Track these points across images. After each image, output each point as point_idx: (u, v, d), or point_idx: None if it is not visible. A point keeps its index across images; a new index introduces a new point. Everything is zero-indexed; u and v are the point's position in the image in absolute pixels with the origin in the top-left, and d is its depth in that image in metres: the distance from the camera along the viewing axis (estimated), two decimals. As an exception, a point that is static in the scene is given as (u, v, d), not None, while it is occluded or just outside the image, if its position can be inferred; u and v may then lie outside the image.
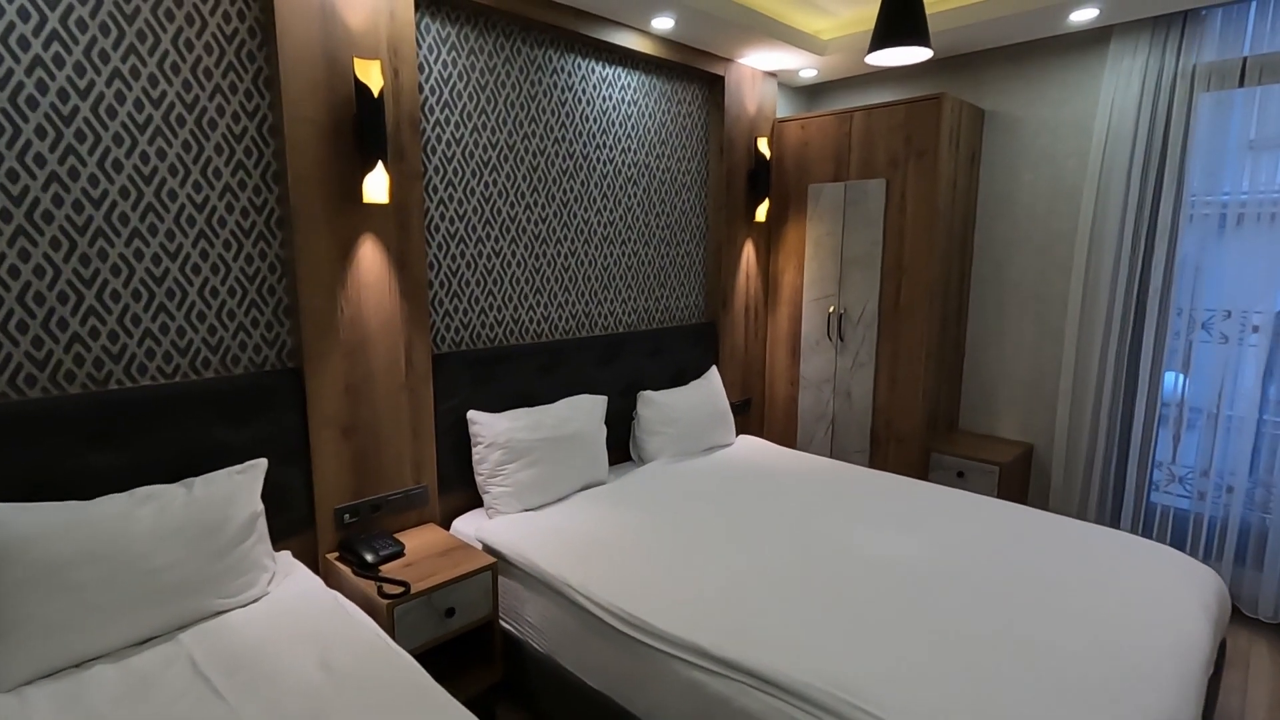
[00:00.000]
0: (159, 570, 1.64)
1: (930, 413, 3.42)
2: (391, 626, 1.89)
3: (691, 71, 3.34)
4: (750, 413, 3.90)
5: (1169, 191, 2.91)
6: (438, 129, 2.43)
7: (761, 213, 3.65)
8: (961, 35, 3.17)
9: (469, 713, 1.43)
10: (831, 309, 3.62)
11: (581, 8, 2.67)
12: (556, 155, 2.83)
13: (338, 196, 2.09)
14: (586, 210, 2.98)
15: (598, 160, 2.99)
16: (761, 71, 3.63)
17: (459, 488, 2.58)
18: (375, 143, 2.06)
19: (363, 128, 2.05)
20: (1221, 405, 2.88)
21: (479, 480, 2.50)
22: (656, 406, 3.11)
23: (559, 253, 2.90)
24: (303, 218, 2.02)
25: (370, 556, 2.08)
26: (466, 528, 2.45)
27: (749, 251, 3.73)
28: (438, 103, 2.42)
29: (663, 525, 2.34)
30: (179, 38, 1.83)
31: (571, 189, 2.91)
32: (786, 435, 3.92)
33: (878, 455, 3.54)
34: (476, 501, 2.62)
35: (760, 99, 3.65)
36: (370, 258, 2.19)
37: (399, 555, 2.15)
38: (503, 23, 2.58)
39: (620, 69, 3.03)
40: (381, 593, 1.92)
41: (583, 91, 2.89)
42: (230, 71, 1.92)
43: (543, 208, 2.81)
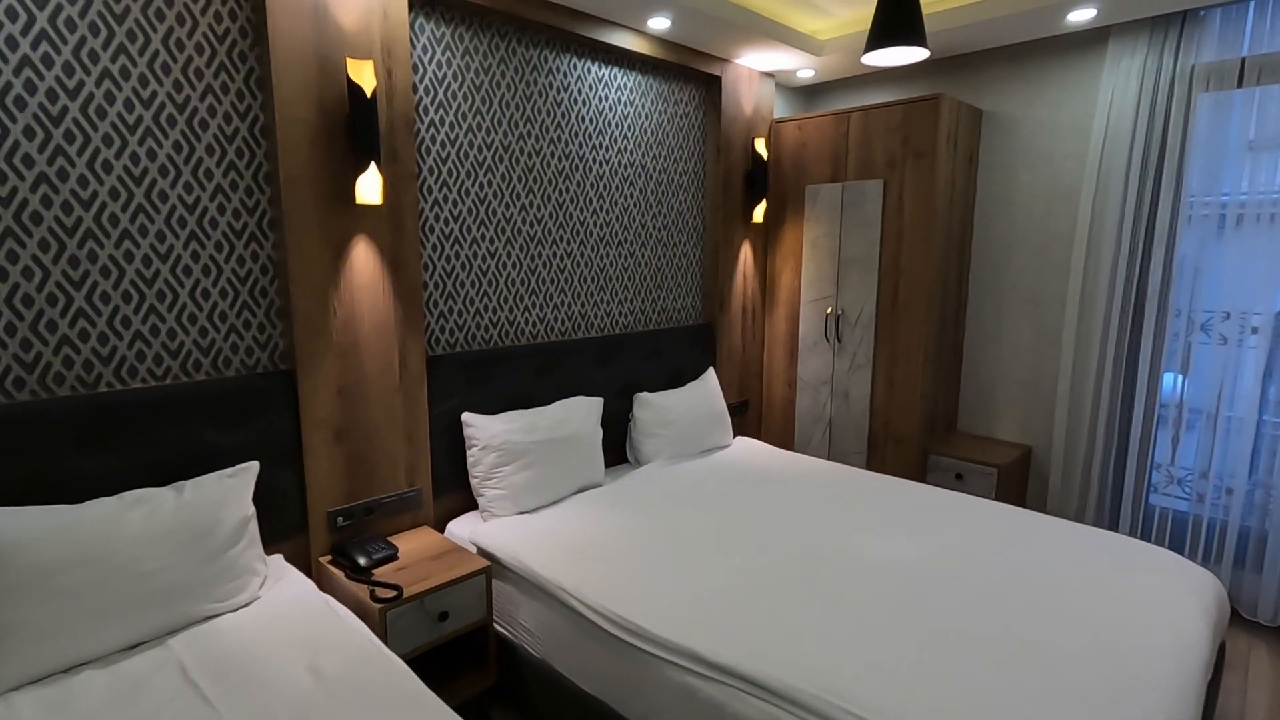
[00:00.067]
0: (149, 574, 1.63)
1: (928, 414, 3.40)
2: (384, 631, 1.88)
3: (688, 72, 3.33)
4: (748, 414, 3.89)
5: (1167, 192, 2.90)
6: (432, 129, 2.41)
7: (759, 213, 3.63)
8: (959, 35, 3.16)
9: (460, 719, 1.41)
10: (829, 310, 3.60)
11: (577, 8, 2.65)
12: (552, 156, 2.82)
13: (331, 197, 2.08)
14: (583, 211, 2.97)
15: (594, 161, 2.98)
16: (758, 72, 3.62)
17: (454, 490, 2.57)
18: (368, 143, 2.04)
19: (355, 128, 2.04)
20: (1221, 407, 2.87)
21: (474, 483, 2.49)
22: (653, 408, 3.09)
23: (555, 254, 2.88)
24: (295, 219, 2.01)
25: (363, 560, 2.06)
26: (461, 531, 2.44)
27: (746, 252, 3.71)
28: (432, 103, 2.40)
29: (658, 528, 2.32)
30: (169, 38, 1.81)
31: (567, 190, 2.90)
32: (784, 437, 3.91)
33: (875, 457, 3.52)
34: (472, 504, 2.61)
35: (757, 99, 3.64)
36: (364, 259, 2.17)
37: (392, 559, 2.14)
38: (498, 23, 2.57)
39: (616, 69, 3.02)
40: (374, 597, 1.91)
41: (578, 92, 2.88)
42: (222, 72, 1.91)
43: (538, 208, 2.80)
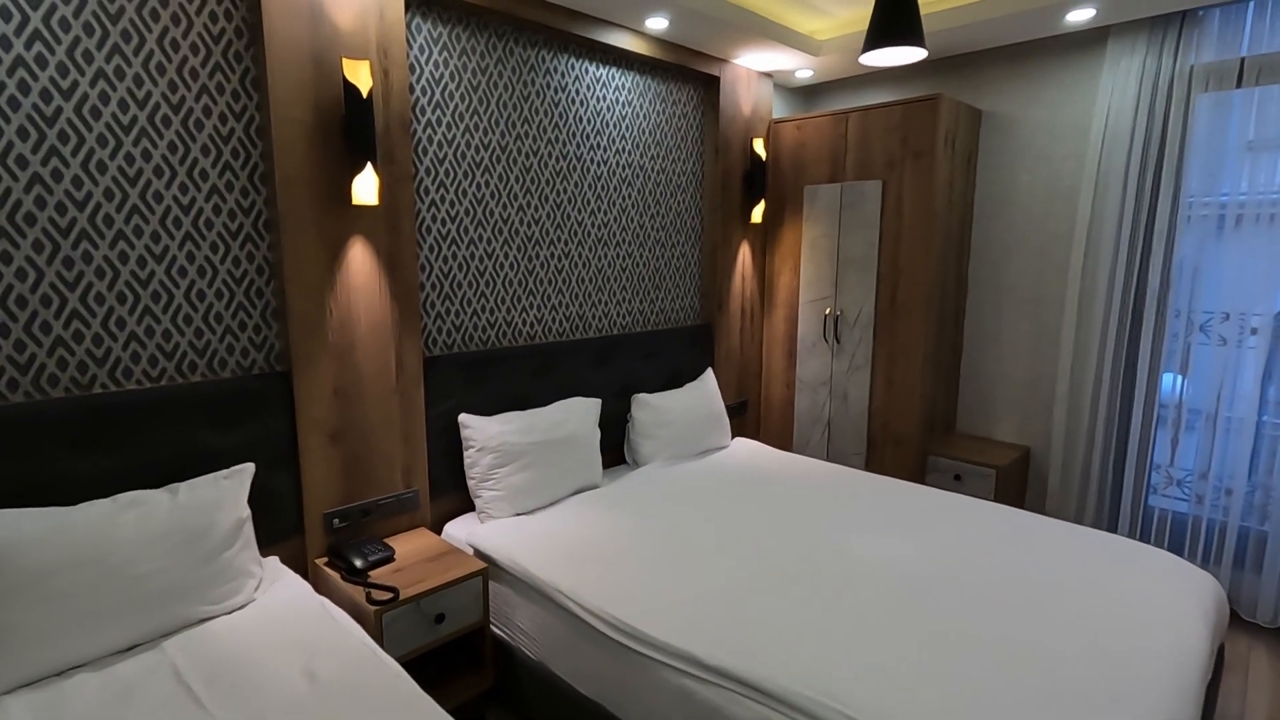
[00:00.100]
0: (143, 577, 1.62)
1: (927, 415, 3.40)
2: (380, 633, 1.87)
3: (686, 72, 3.32)
4: (746, 415, 3.88)
5: (1166, 193, 2.89)
6: (429, 130, 2.41)
7: (757, 214, 3.63)
8: (958, 35, 3.15)
9: (454, 723, 1.40)
10: (828, 311, 3.60)
11: (574, 8, 2.65)
12: (550, 156, 2.81)
13: (326, 198, 2.07)
14: (580, 212, 2.96)
15: (591, 161, 2.97)
16: (757, 72, 3.61)
17: (451, 492, 2.56)
18: (364, 144, 2.04)
19: (351, 129, 2.03)
20: (1220, 408, 2.86)
21: (471, 484, 2.48)
22: (651, 409, 3.09)
23: (552, 254, 2.88)
24: (291, 220, 2.00)
25: (359, 562, 2.05)
26: (458, 532, 2.43)
27: (745, 253, 3.71)
28: (429, 103, 2.40)
29: (656, 529, 2.31)
30: (164, 38, 1.81)
31: (565, 190, 2.89)
32: (783, 438, 3.90)
33: (874, 458, 3.51)
34: (469, 506, 2.60)
35: (756, 100, 3.63)
36: (360, 260, 2.17)
37: (389, 560, 2.13)
38: (495, 23, 2.56)
39: (614, 69, 3.02)
40: (370, 599, 1.90)
41: (576, 92, 2.87)
42: (217, 72, 1.90)
43: (536, 209, 2.79)
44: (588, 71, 2.91)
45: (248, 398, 1.99)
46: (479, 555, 2.28)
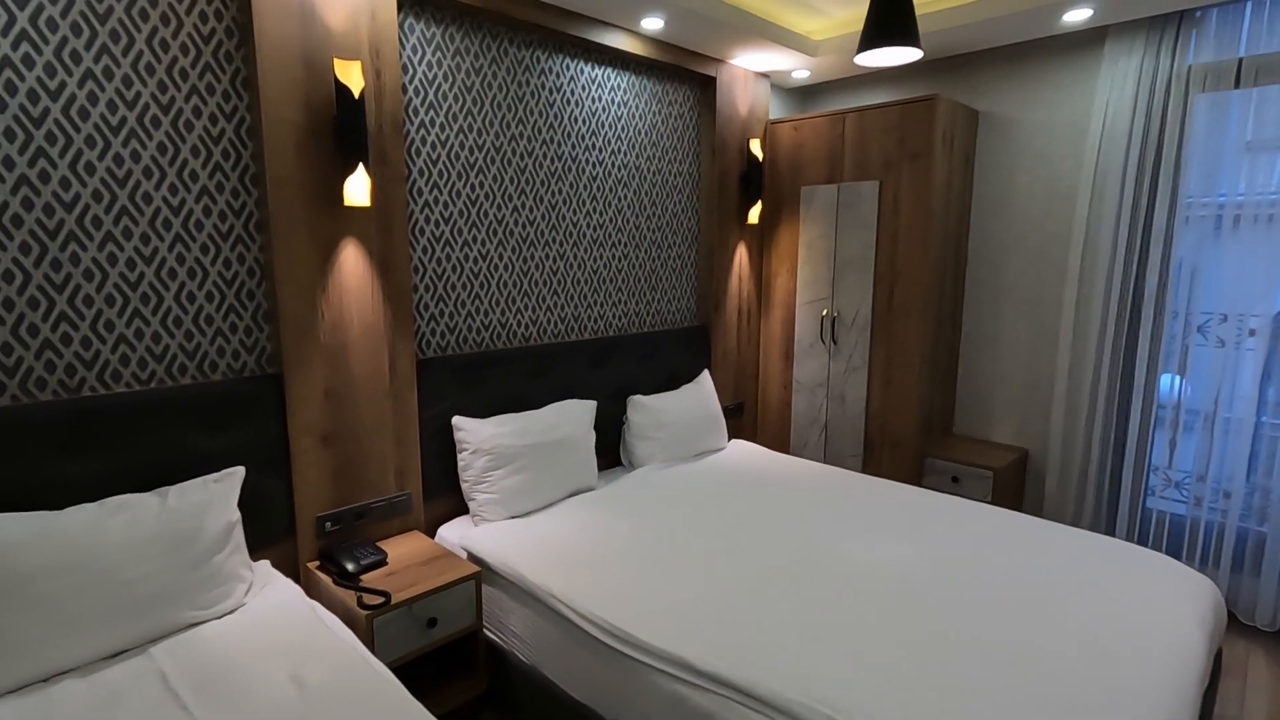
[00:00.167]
0: (131, 582, 1.61)
1: (924, 417, 3.38)
2: (371, 638, 1.86)
3: (682, 72, 3.31)
4: (743, 417, 3.86)
5: (1164, 193, 2.88)
6: (422, 131, 2.39)
7: (754, 215, 3.61)
8: (955, 36, 3.14)
9: (443, 729, 1.39)
10: (825, 312, 3.58)
11: (569, 8, 2.63)
12: (545, 157, 2.80)
13: (318, 199, 2.06)
14: (576, 213, 2.95)
15: (587, 162, 2.96)
16: (754, 72, 3.60)
17: (445, 494, 2.54)
18: (356, 145, 2.02)
19: (343, 130, 2.02)
20: (1218, 410, 2.84)
21: (464, 487, 2.46)
22: (647, 411, 3.07)
23: (547, 255, 2.86)
24: (282, 221, 1.99)
25: (351, 566, 2.04)
26: (452, 535, 2.42)
27: (741, 254, 3.69)
28: (422, 104, 2.38)
29: (650, 533, 2.30)
30: (154, 38, 1.79)
31: (560, 191, 2.88)
32: (780, 440, 3.89)
33: (871, 460, 3.50)
34: (463, 508, 2.58)
35: (753, 100, 3.62)
36: (352, 262, 2.15)
37: (381, 564, 2.12)
38: (489, 23, 2.55)
39: (610, 70, 3.00)
40: (361, 603, 1.88)
41: (571, 93, 2.86)
42: (207, 72, 1.89)
43: (531, 210, 2.78)
44: (583, 72, 2.89)
45: (239, 400, 1.98)
46: (472, 559, 2.26)
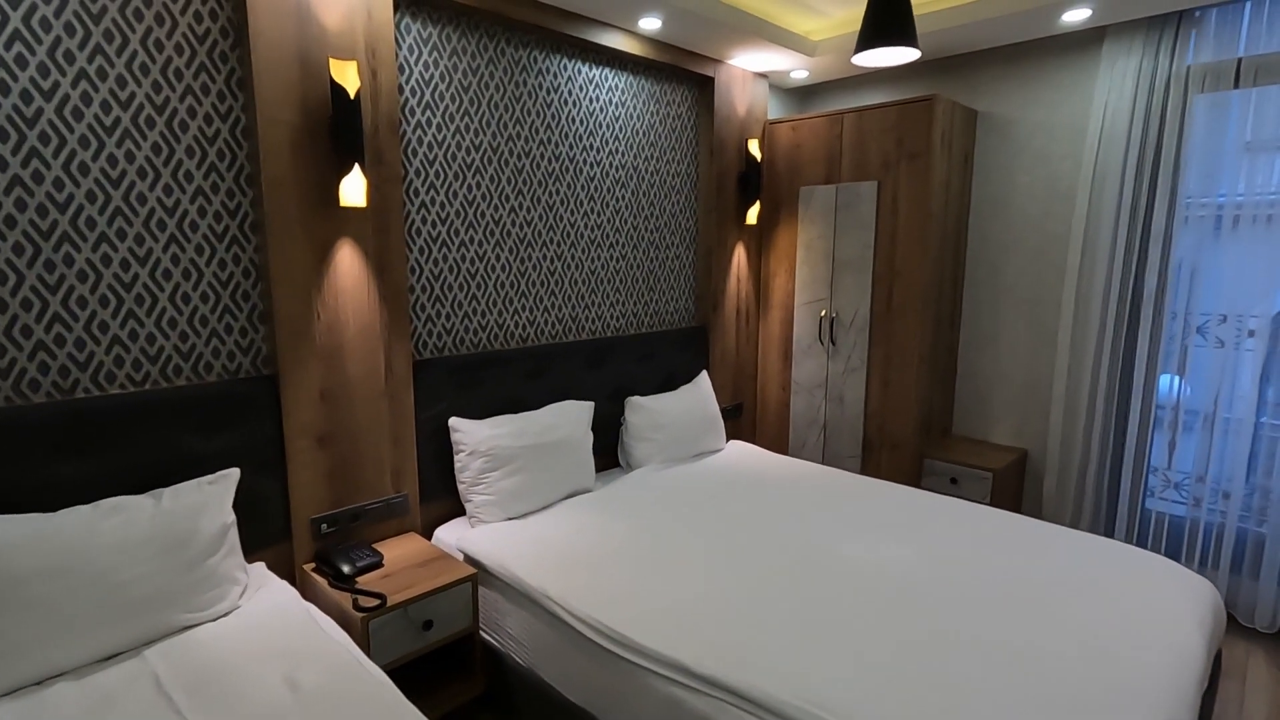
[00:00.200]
0: (125, 584, 1.60)
1: (923, 418, 3.37)
2: (367, 640, 1.85)
3: (680, 73, 3.30)
4: (742, 418, 3.86)
5: (1163, 194, 2.87)
6: (419, 131, 2.39)
7: (752, 215, 3.61)
8: (953, 36, 3.13)
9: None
10: (823, 313, 3.58)
11: (566, 8, 2.63)
12: (542, 158, 2.79)
13: (314, 200, 2.05)
14: (573, 213, 2.94)
15: (584, 163, 2.95)
16: (752, 73, 3.59)
17: (442, 496, 2.54)
18: (352, 145, 2.02)
19: (339, 130, 2.01)
20: (1218, 411, 2.84)
21: (461, 489, 2.46)
22: (645, 412, 3.06)
23: (545, 256, 2.85)
24: (277, 222, 1.98)
25: (347, 568, 2.03)
26: (449, 537, 2.41)
27: (740, 255, 3.69)
28: (419, 104, 2.38)
29: (647, 534, 2.29)
30: (148, 38, 1.79)
31: (558, 192, 2.87)
32: (778, 440, 3.88)
33: (870, 461, 3.49)
34: (460, 510, 2.58)
35: (751, 100, 3.61)
36: (348, 262, 2.14)
37: (377, 566, 2.11)
38: (486, 23, 2.54)
39: (607, 70, 2.99)
40: (356, 606, 1.88)
41: (569, 93, 2.85)
42: (202, 72, 1.88)
43: (528, 211, 2.77)
44: (580, 72, 2.89)
45: (234, 402, 1.97)
46: (469, 560, 2.26)
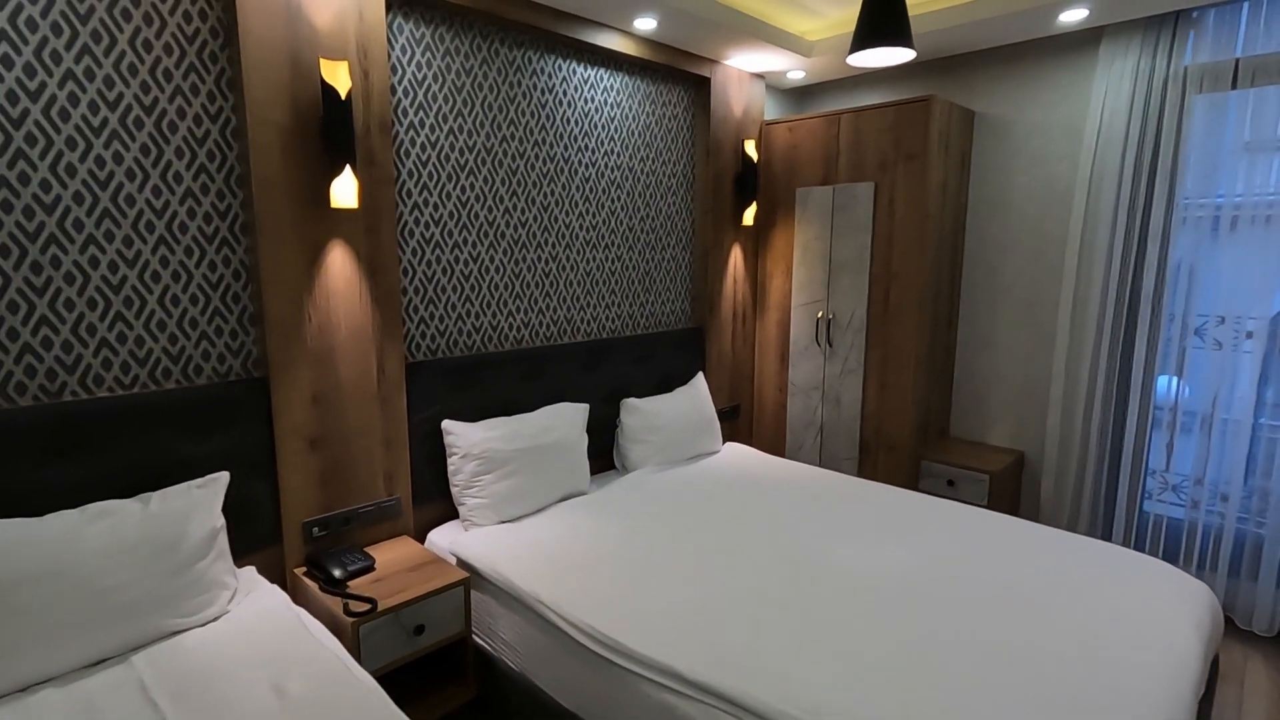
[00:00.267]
0: (112, 589, 1.58)
1: (920, 420, 3.36)
2: (357, 645, 1.83)
3: (676, 73, 3.29)
4: (739, 419, 3.84)
5: (1161, 195, 2.86)
6: (411, 132, 2.37)
7: (749, 216, 3.59)
8: (950, 36, 3.12)
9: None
10: (820, 314, 3.56)
11: (561, 8, 2.61)
12: (537, 158, 2.78)
13: (305, 201, 2.03)
14: (568, 214, 2.93)
15: (579, 164, 2.94)
16: (748, 73, 3.58)
17: (436, 499, 2.52)
18: (343, 146, 2.00)
19: (330, 131, 1.99)
20: (1216, 412, 2.82)
21: (454, 492, 2.44)
22: (640, 414, 3.05)
23: (540, 257, 2.84)
24: (268, 223, 1.97)
25: (338, 572, 2.02)
26: (442, 540, 2.39)
27: (736, 256, 3.67)
28: (411, 105, 2.36)
29: (641, 537, 2.28)
30: (136, 38, 1.77)
31: (553, 193, 2.85)
32: (775, 442, 3.87)
33: (867, 463, 3.48)
34: (454, 513, 2.56)
35: (747, 101, 3.60)
36: (339, 264, 2.13)
37: (369, 570, 2.09)
38: (479, 23, 2.53)
39: (603, 70, 2.98)
40: (347, 610, 1.86)
41: (564, 93, 2.84)
42: (191, 73, 1.87)
43: (523, 212, 2.75)
44: (575, 72, 2.87)
45: (224, 404, 1.96)
46: (462, 564, 2.24)
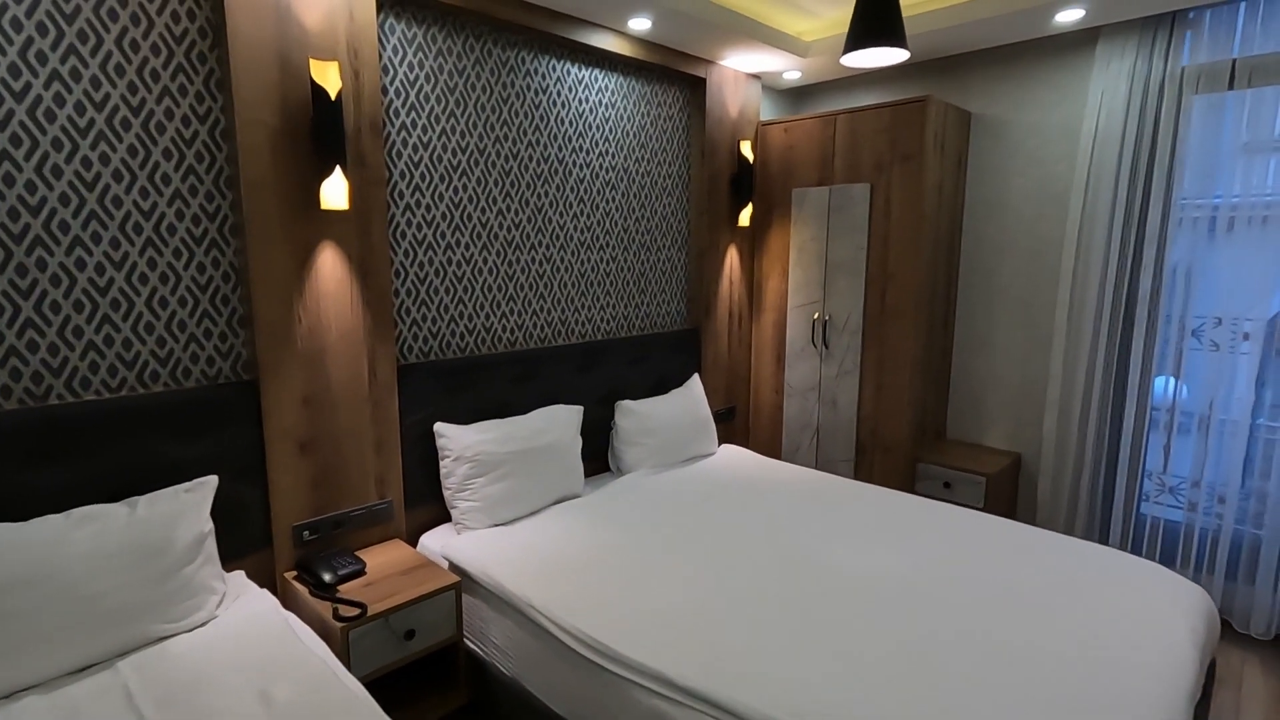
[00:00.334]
0: (97, 595, 1.57)
1: (917, 421, 3.35)
2: (346, 651, 1.82)
3: (671, 73, 3.27)
4: (734, 421, 3.83)
5: (1158, 195, 2.85)
6: (403, 133, 2.36)
7: (745, 217, 3.58)
8: (946, 37, 3.11)
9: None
10: (816, 316, 3.55)
11: (555, 8, 2.60)
12: (530, 159, 2.76)
13: (294, 203, 2.02)
14: (563, 215, 2.91)
15: (574, 164, 2.92)
16: (744, 74, 3.56)
17: (429, 502, 2.51)
18: (333, 147, 1.99)
19: (320, 132, 1.98)
20: (1213, 415, 2.81)
21: (446, 495, 2.42)
22: (635, 416, 3.03)
23: (533, 259, 2.82)
24: (257, 224, 1.95)
25: (328, 576, 2.00)
26: (434, 544, 2.37)
27: (732, 257, 3.66)
28: (403, 105, 2.35)
29: (634, 541, 2.26)
30: (123, 38, 1.76)
31: (547, 194, 2.84)
32: (772, 444, 3.85)
33: (863, 465, 3.46)
34: (446, 516, 2.54)
35: (743, 101, 3.58)
36: (330, 266, 2.11)
37: (359, 574, 2.08)
38: (472, 23, 2.51)
39: (597, 71, 2.97)
40: (336, 615, 1.84)
41: (558, 94, 2.82)
42: (180, 73, 1.85)
43: (516, 213, 2.74)
44: (569, 73, 2.86)
45: (213, 407, 1.94)
46: (453, 568, 2.23)
